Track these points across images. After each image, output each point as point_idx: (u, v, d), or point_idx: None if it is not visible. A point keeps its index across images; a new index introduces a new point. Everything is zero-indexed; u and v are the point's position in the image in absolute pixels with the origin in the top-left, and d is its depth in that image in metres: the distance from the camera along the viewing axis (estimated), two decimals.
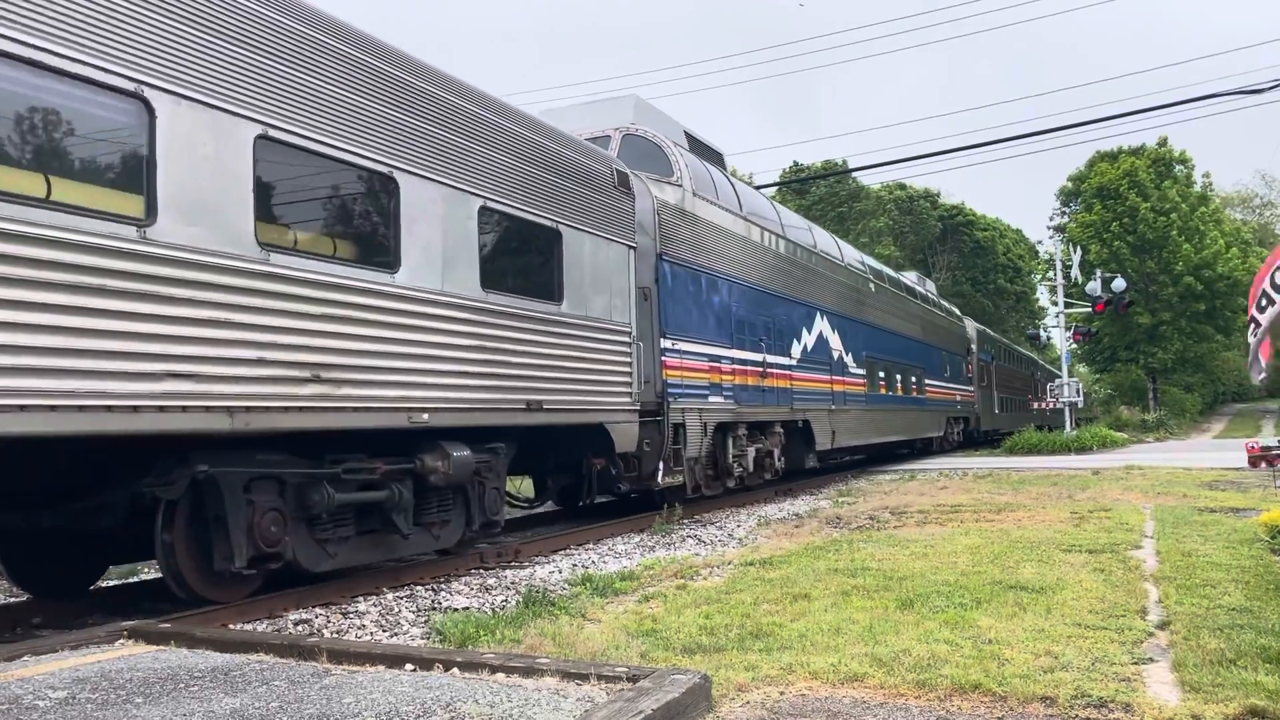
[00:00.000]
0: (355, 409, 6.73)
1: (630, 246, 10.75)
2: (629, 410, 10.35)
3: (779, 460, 14.62)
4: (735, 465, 13.10)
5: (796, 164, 56.54)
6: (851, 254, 20.47)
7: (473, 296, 8.03)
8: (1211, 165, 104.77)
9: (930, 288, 29.17)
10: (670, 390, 11.24)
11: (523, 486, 11.80)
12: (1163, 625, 5.15)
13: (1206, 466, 17.76)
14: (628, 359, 10.42)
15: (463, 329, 7.86)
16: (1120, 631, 5.01)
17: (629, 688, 3.75)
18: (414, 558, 8.96)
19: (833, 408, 16.97)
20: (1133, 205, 48.99)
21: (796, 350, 15.54)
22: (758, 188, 22.87)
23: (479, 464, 8.08)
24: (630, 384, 10.40)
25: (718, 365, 12.58)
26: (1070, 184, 57.37)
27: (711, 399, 12.28)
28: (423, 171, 7.57)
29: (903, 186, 59.56)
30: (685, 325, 11.89)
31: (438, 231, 7.68)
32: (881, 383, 20.32)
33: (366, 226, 7.26)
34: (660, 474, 10.99)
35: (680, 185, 12.35)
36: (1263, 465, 12.74)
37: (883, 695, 4.06)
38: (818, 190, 56.44)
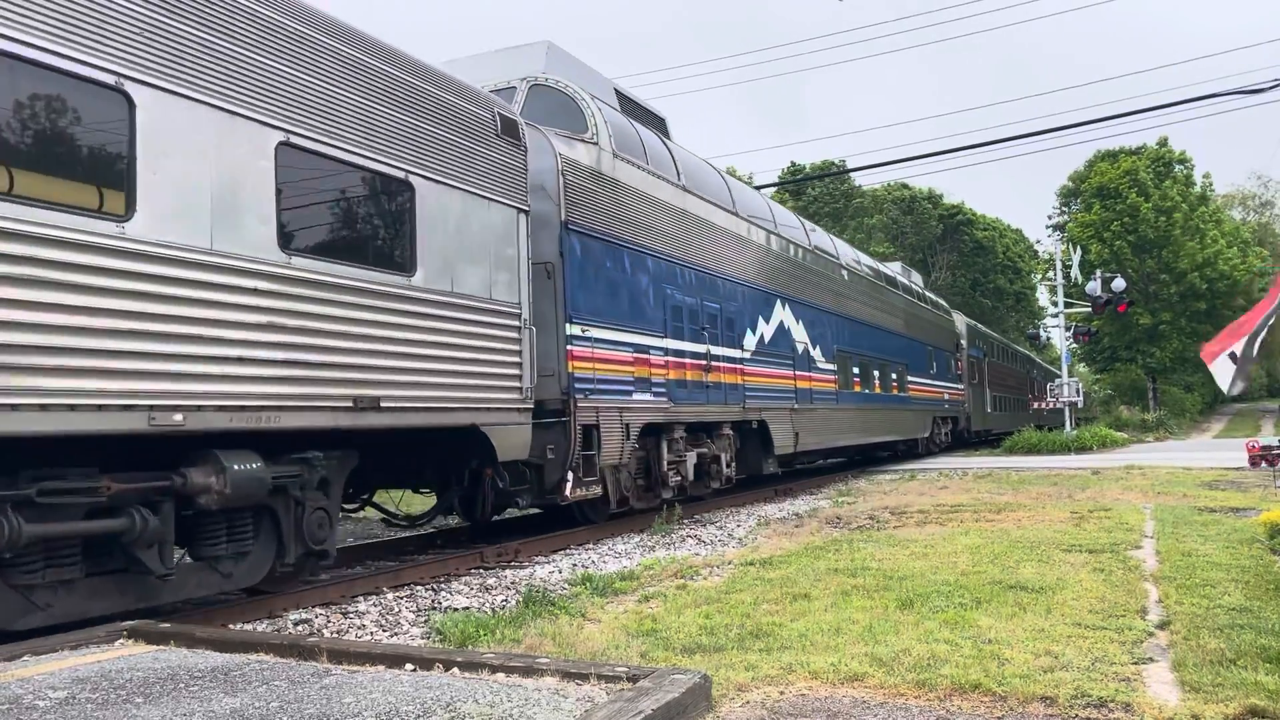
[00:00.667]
0: (44, 406, 4.87)
1: (521, 210, 8.85)
2: (516, 409, 8.52)
3: (728, 466, 12.92)
4: (671, 473, 11.37)
5: (794, 164, 56.55)
6: (822, 238, 18.87)
7: (266, 259, 6.16)
8: (1211, 165, 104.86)
9: (916, 279, 27.71)
10: (579, 386, 9.50)
11: (404, 501, 10.49)
12: (1163, 625, 5.15)
13: (1206, 466, 17.75)
14: (516, 347, 8.54)
15: (248, 301, 6.01)
16: (1120, 631, 5.01)
17: (629, 687, 3.75)
18: (412, 557, 8.95)
19: (796, 407, 15.19)
20: (1133, 204, 48.99)
21: (751, 342, 13.84)
22: (758, 188, 22.67)
23: (283, 479, 6.40)
24: (520, 377, 8.55)
25: (645, 357, 10.83)
26: (1070, 184, 57.38)
27: (637, 396, 10.51)
28: (177, 87, 5.67)
29: (906, 186, 59.56)
30: (601, 309, 10.10)
31: (205, 171, 5.82)
32: (856, 379, 18.77)
33: (79, 155, 5.26)
34: (569, 486, 9.25)
35: (596, 144, 10.42)
36: (1263, 465, 12.74)
37: (883, 695, 4.07)
38: (814, 190, 56.45)
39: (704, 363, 12.23)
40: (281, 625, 6.20)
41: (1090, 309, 33.21)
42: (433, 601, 6.90)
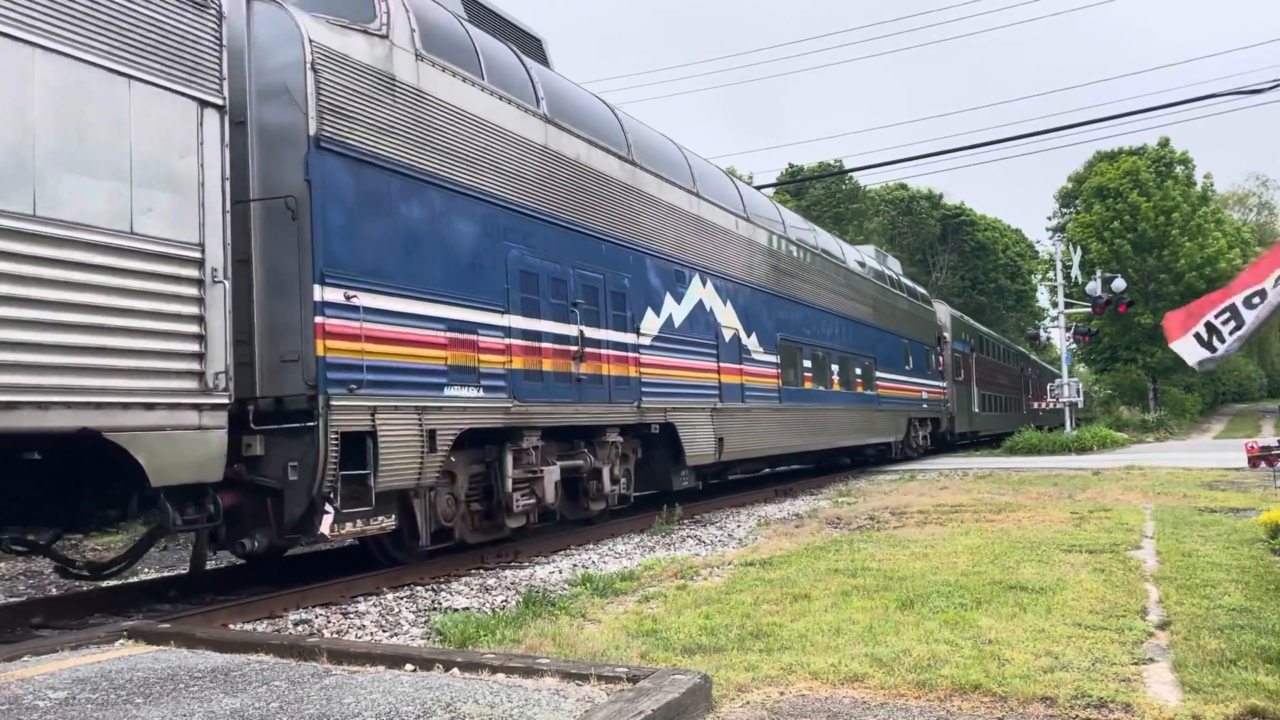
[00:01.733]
0: None
1: (209, 104, 6.19)
2: (191, 406, 5.89)
3: (616, 483, 10.33)
4: (519, 497, 8.63)
5: (792, 165, 56.57)
6: (760, 204, 16.02)
7: None
8: (1212, 165, 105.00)
9: (894, 266, 25.05)
10: (337, 376, 6.69)
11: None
12: (1163, 625, 5.15)
13: (1207, 466, 17.75)
14: (191, 310, 5.95)
15: None
16: (1120, 632, 5.01)
17: (629, 688, 3.75)
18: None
19: (720, 406, 12.49)
20: (1134, 203, 48.99)
21: (651, 324, 11.08)
22: (758, 188, 22.43)
23: None
24: (200, 358, 5.97)
25: (471, 338, 8.04)
26: (1070, 184, 57.40)
27: (454, 391, 7.78)
28: None
29: (904, 187, 59.58)
30: (387, 268, 7.28)
31: None
32: (808, 374, 16.04)
33: None
34: (328, 521, 6.55)
35: (386, 38, 7.58)
36: (1262, 465, 12.74)
37: (883, 695, 4.06)
38: (814, 192, 56.45)
39: (574, 349, 9.44)
40: (281, 625, 6.20)
41: (1090, 309, 33.21)
42: (433, 602, 6.90)
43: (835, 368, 17.66)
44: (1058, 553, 7.68)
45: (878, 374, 20.24)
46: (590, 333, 9.81)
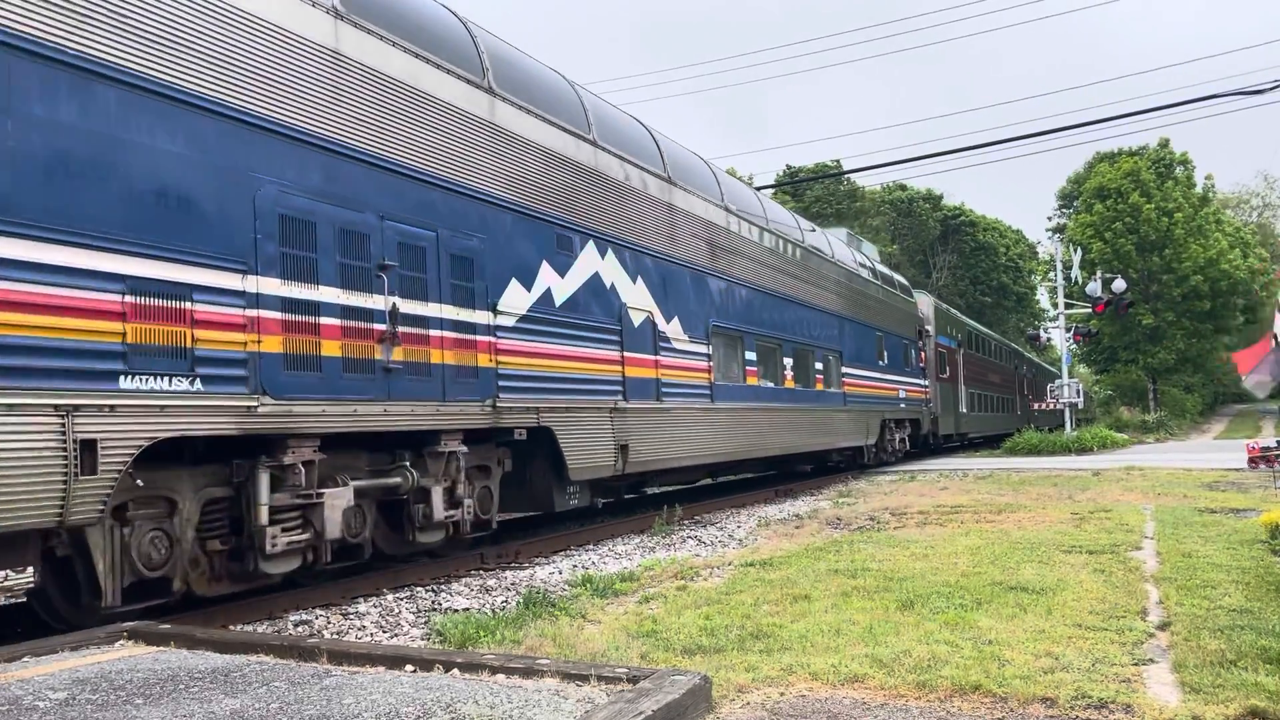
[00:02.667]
0: None
1: None
2: None
3: (455, 508, 7.94)
4: (280, 532, 6.33)
5: (789, 167, 56.59)
6: (696, 170, 13.29)
7: None
8: (1212, 166, 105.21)
9: (869, 251, 22.85)
10: None
11: None
12: (1163, 626, 5.15)
13: (1207, 467, 17.75)
14: None
15: None
16: (1121, 632, 5.01)
17: (629, 689, 3.75)
18: (412, 557, 8.74)
19: (622, 404, 10.22)
20: (1135, 204, 48.98)
21: (517, 299, 8.74)
22: (758, 189, 22.31)
23: None
24: None
25: (180, 306, 5.68)
26: (1070, 185, 57.40)
27: (135, 382, 5.42)
28: None
29: (903, 188, 59.58)
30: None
31: None
32: (751, 369, 13.82)
33: None
34: None
35: None
36: (1262, 466, 12.75)
37: (883, 696, 4.06)
38: (814, 191, 56.44)
39: (381, 328, 7.12)
40: (282, 626, 6.20)
41: (1091, 309, 33.20)
42: (433, 603, 6.90)
43: (789, 361, 15.30)
44: (1058, 553, 7.68)
45: (845, 370, 18.16)
46: (410, 307, 7.43)
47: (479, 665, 4.18)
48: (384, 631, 6.06)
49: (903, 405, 22.13)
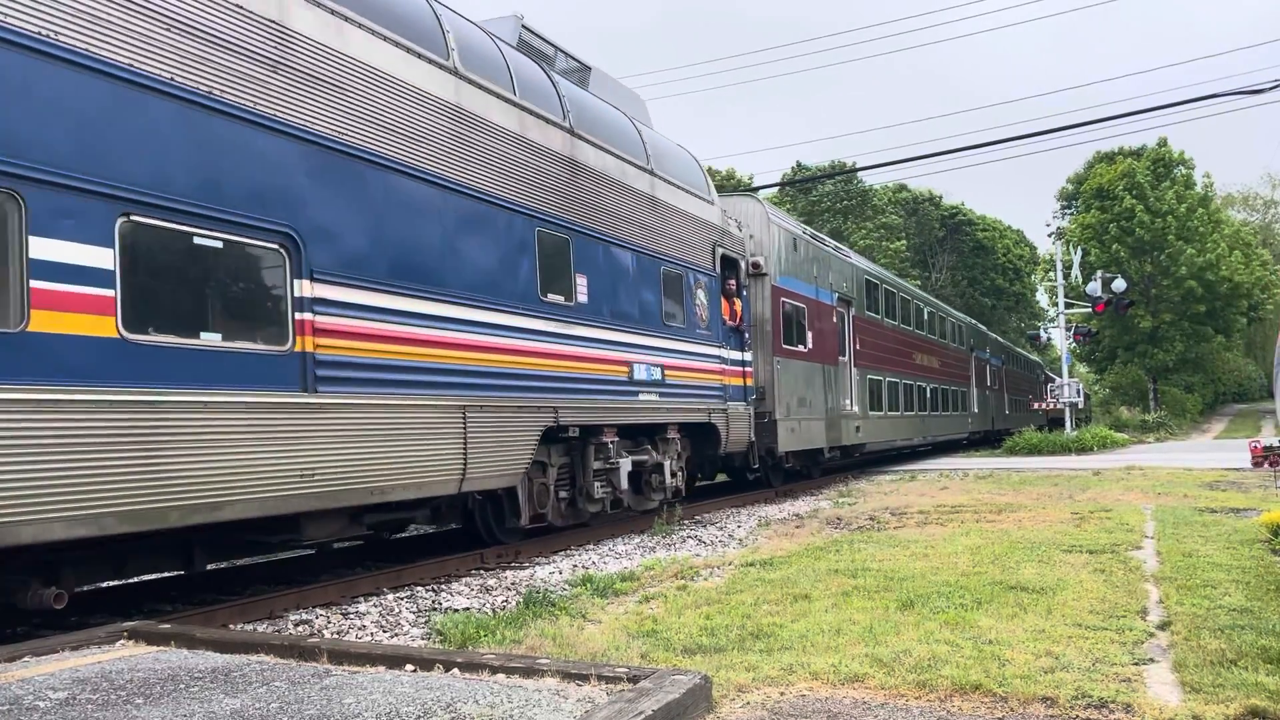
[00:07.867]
0: None
1: None
2: None
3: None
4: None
5: (799, 164, 56.52)
6: None
7: None
8: (1212, 165, 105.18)
9: (616, 91, 11.93)
10: None
11: None
12: (1163, 626, 5.15)
13: (1207, 467, 17.75)
14: None
15: None
16: (1121, 632, 5.01)
17: (629, 688, 3.75)
18: (413, 557, 8.89)
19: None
20: (1128, 207, 48.93)
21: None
22: (759, 188, 22.29)
23: None
24: None
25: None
26: (1070, 185, 57.35)
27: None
28: None
29: (904, 188, 59.52)
30: None
31: None
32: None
33: None
34: None
35: None
36: (1265, 465, 12.72)
37: (883, 696, 4.06)
38: (823, 189, 56.34)
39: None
40: (282, 626, 6.20)
41: (1090, 309, 33.18)
42: (433, 602, 6.90)
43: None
44: (1058, 553, 7.68)
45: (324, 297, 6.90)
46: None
47: (479, 665, 4.18)
48: (384, 631, 6.06)
49: (641, 397, 10.74)
